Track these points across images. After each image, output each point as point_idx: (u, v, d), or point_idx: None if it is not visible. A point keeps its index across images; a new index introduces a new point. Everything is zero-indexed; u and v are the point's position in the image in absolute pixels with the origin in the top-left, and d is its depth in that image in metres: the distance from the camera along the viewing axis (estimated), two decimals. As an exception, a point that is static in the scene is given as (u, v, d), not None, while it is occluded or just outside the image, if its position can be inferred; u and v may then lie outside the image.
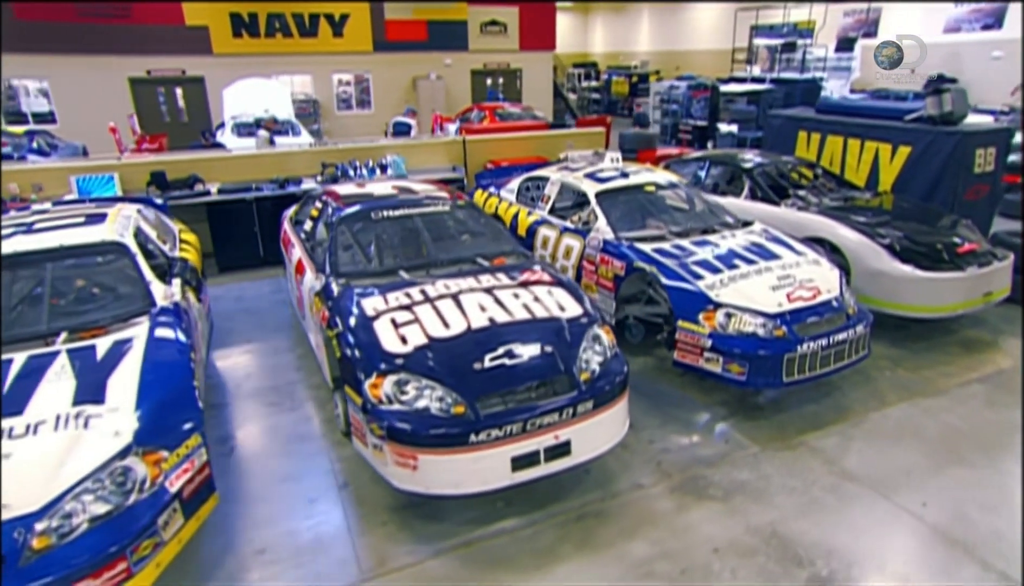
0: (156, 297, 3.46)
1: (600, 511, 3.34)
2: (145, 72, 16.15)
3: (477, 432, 2.89)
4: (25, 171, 7.03)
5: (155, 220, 4.61)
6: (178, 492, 2.60)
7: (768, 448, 3.86)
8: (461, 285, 3.70)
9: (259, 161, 7.88)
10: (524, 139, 9.18)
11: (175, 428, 2.70)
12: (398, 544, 3.14)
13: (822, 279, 4.37)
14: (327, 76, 18.06)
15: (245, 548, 3.12)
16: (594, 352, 3.38)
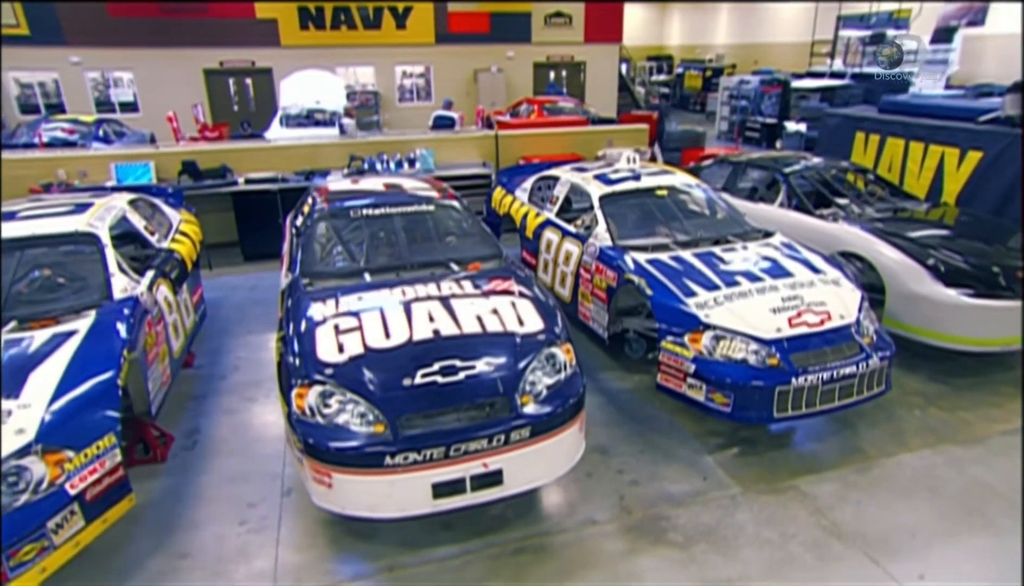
0: (114, 290, 3.47)
1: (541, 546, 3.06)
2: (218, 63, 16.90)
3: (393, 455, 2.69)
4: (74, 158, 7.42)
5: (149, 211, 4.68)
6: (79, 494, 2.55)
7: (751, 490, 3.44)
8: (419, 291, 3.50)
9: (290, 153, 7.99)
10: (561, 135, 8.85)
11: (87, 427, 2.66)
12: (321, 561, 3.00)
13: (837, 302, 3.86)
14: (389, 68, 18.28)
15: (172, 550, 3.07)
16: (544, 373, 3.09)
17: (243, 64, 16.95)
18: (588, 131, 9.06)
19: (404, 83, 18.92)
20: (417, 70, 18.67)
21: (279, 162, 7.83)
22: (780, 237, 4.67)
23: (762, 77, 16.70)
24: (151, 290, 3.74)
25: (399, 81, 18.76)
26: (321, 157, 8.02)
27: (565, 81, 20.11)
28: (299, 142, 8.36)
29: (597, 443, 3.86)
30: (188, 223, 5.14)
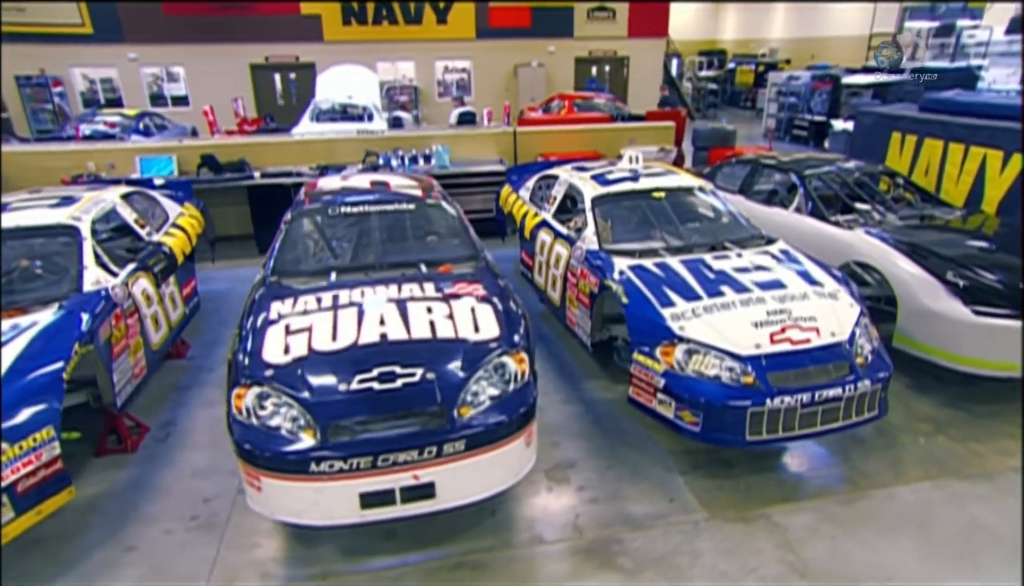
0: (85, 282, 3.54)
1: (481, 563, 2.94)
2: (264, 58, 17.36)
3: (319, 462, 2.62)
4: (103, 151, 7.71)
5: (143, 205, 4.78)
6: (10, 486, 2.59)
7: (718, 516, 3.22)
8: (380, 293, 3.42)
9: (307, 147, 8.08)
10: (582, 132, 8.63)
11: (25, 420, 2.69)
12: (258, 564, 2.97)
13: (829, 318, 3.56)
14: (429, 63, 18.35)
15: (120, 543, 3.10)
16: (490, 383, 2.96)
17: (287, 59, 17.34)
18: (610, 128, 8.80)
19: (445, 78, 18.96)
20: (457, 65, 18.68)
21: (297, 156, 7.93)
22: (781, 245, 4.38)
23: (814, 72, 15.91)
24: (127, 284, 3.79)
25: (439, 76, 18.81)
26: (338, 152, 8.08)
27: (608, 77, 19.74)
28: (315, 137, 8.45)
29: (565, 456, 3.71)
30: (187, 217, 5.23)
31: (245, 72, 17.37)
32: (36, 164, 7.36)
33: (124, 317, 3.64)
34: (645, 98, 18.43)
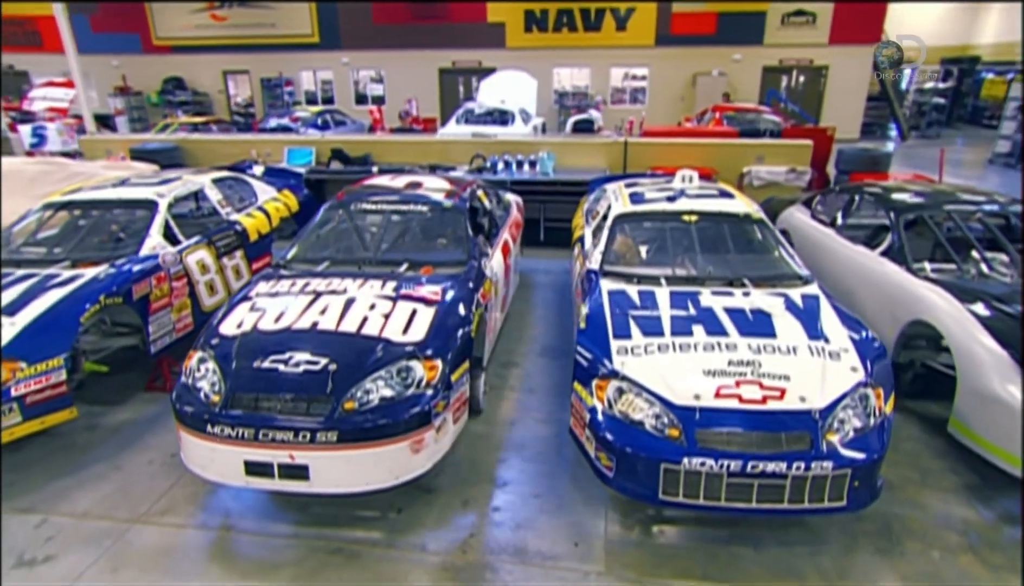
0: (143, 248, 4.33)
1: (358, 554, 3.04)
2: (451, 63, 18.83)
3: (214, 424, 2.95)
4: (264, 142, 9.12)
5: (232, 188, 5.62)
6: (19, 396, 3.33)
7: (613, 574, 2.91)
8: (346, 287, 3.67)
9: (425, 147, 8.69)
10: (701, 147, 8.05)
11: (39, 348, 3.43)
12: (191, 503, 3.39)
13: (807, 380, 3.00)
14: (605, 70, 18.36)
15: (113, 463, 3.75)
16: (387, 384, 3.04)
17: (471, 64, 18.61)
18: (733, 144, 8.06)
19: (622, 85, 18.80)
20: (633, 72, 18.39)
21: (414, 155, 8.58)
22: (809, 289, 3.75)
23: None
24: (182, 253, 4.55)
25: (615, 83, 18.71)
26: (452, 153, 8.56)
27: (802, 89, 17.92)
28: (434, 138, 9.03)
29: (502, 475, 3.63)
30: (275, 202, 6.02)
31: (434, 76, 19.03)
32: (218, 150, 8.96)
33: (169, 280, 4.38)
34: (844, 114, 16.45)
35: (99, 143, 9.47)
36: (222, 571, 2.95)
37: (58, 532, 3.22)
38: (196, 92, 20.10)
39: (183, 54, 19.81)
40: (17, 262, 4.20)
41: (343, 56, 19.22)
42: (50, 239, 4.53)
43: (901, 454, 3.78)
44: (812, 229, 5.47)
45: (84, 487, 3.54)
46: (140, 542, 3.14)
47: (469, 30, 18.18)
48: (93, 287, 3.83)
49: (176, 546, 3.11)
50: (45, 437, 3.95)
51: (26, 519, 3.30)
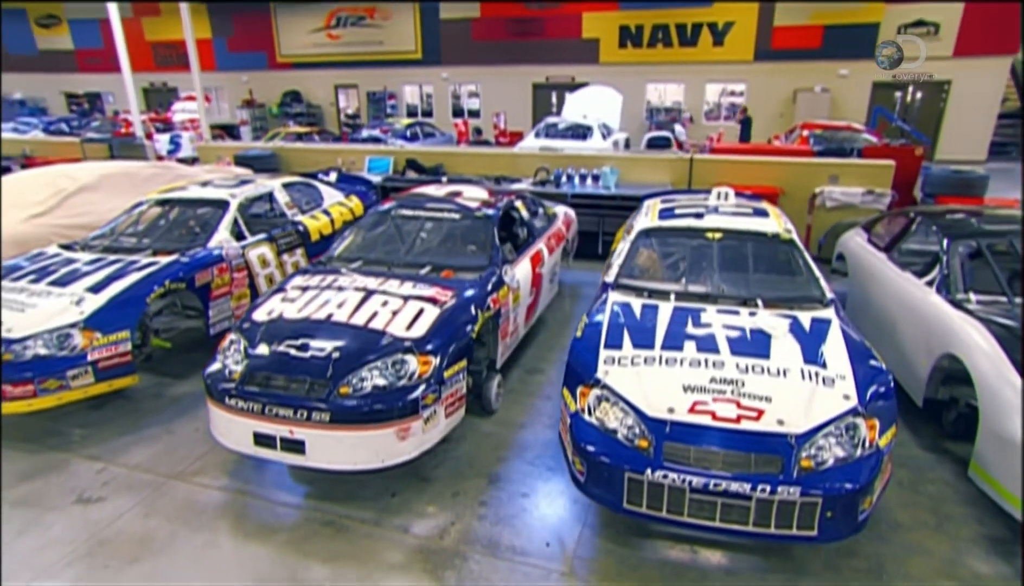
0: (211, 242, 4.91)
1: (345, 528, 3.31)
2: (545, 78, 19.20)
3: (231, 397, 3.35)
4: (350, 150, 9.87)
5: (300, 192, 6.19)
6: (94, 361, 3.93)
7: (577, 575, 2.98)
8: (369, 284, 4.00)
9: (493, 159, 9.01)
10: (771, 165, 7.77)
11: (113, 322, 4.03)
12: (221, 468, 3.83)
13: (789, 404, 2.92)
14: (699, 86, 17.98)
15: (167, 427, 4.29)
16: (380, 374, 3.30)
17: (564, 79, 18.88)
18: (805, 163, 7.71)
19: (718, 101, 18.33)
20: (729, 88, 17.87)
21: (484, 166, 8.93)
22: (823, 312, 3.60)
23: None
24: (245, 248, 5.10)
25: (710, 99, 18.26)
26: (520, 166, 8.82)
27: (918, 106, 16.59)
28: (503, 150, 9.31)
29: (497, 471, 3.78)
30: (340, 206, 6.54)
31: (528, 90, 19.50)
32: (310, 158, 9.80)
33: (231, 271, 4.93)
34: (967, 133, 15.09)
35: (213, 150, 10.64)
36: (228, 528, 3.33)
37: (113, 479, 3.76)
38: (310, 104, 21.85)
39: (301, 70, 21.64)
40: (115, 248, 4.92)
41: (443, 71, 20.17)
42: (142, 230, 5.25)
43: (922, 495, 3.54)
44: (866, 253, 5.17)
45: (140, 444, 4.09)
46: (172, 495, 3.61)
47: (564, 46, 18.48)
48: (161, 273, 4.41)
49: (198, 502, 3.54)
50: (120, 400, 4.61)
51: (91, 465, 3.88)
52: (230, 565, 3.08)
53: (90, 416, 4.41)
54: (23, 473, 3.82)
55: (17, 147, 12.41)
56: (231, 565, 3.08)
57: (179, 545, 3.22)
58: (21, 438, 4.16)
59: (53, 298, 4.11)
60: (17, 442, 4.12)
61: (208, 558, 3.13)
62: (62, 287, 4.22)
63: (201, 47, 22.16)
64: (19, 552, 3.19)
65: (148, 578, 3.01)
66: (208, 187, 5.60)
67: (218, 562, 3.10)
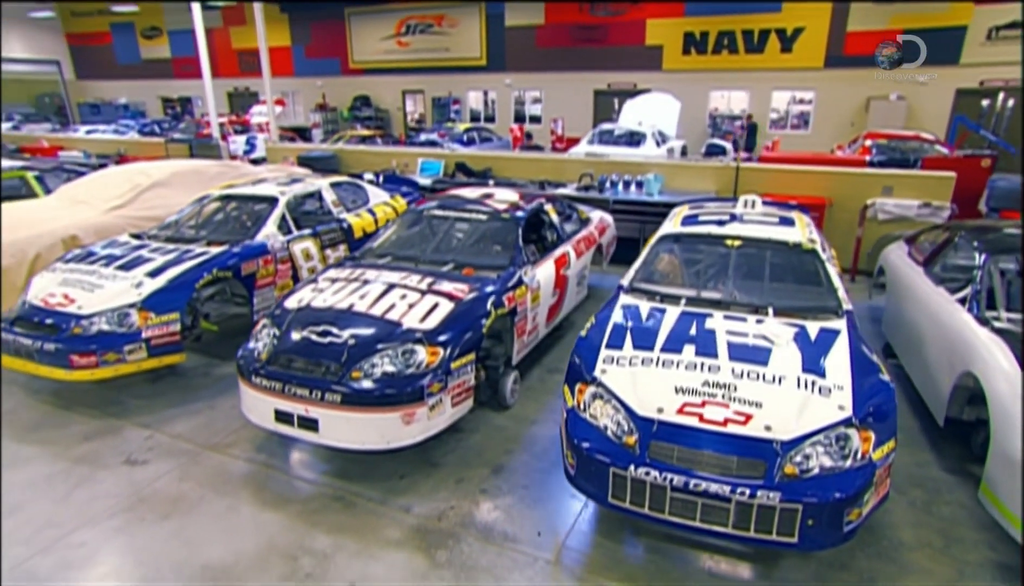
0: (258, 236, 5.32)
1: (352, 504, 3.55)
2: (607, 85, 19.18)
3: (257, 375, 3.66)
4: (403, 153, 10.25)
5: (346, 191, 6.55)
6: (148, 338, 4.36)
7: (560, 565, 3.09)
8: (393, 279, 4.24)
9: (539, 164, 9.17)
10: (820, 175, 7.55)
11: (164, 304, 4.46)
12: (252, 442, 4.17)
13: (780, 410, 2.93)
14: (765, 93, 17.48)
15: (209, 401, 4.69)
16: (391, 362, 3.52)
17: (626, 86, 18.80)
18: (857, 173, 7.43)
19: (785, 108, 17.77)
20: (798, 96, 17.28)
21: (530, 171, 9.10)
22: (835, 323, 3.56)
23: None
24: (289, 242, 5.48)
25: (777, 106, 17.72)
26: (565, 171, 8.94)
27: (1009, 113, 15.48)
28: (548, 155, 9.46)
29: (504, 463, 3.93)
30: (385, 205, 6.87)
31: (589, 97, 19.53)
32: (367, 159, 10.27)
33: (275, 262, 5.31)
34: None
35: (280, 151, 11.32)
36: (250, 495, 3.64)
37: (157, 445, 4.16)
38: (379, 109, 22.70)
39: (371, 76, 22.52)
40: (176, 238, 5.40)
41: (506, 77, 20.50)
42: (200, 223, 5.72)
43: (934, 517, 3.43)
44: (905, 267, 4.99)
45: (185, 416, 4.50)
46: (205, 463, 3.96)
47: (627, 53, 18.41)
48: (210, 262, 4.83)
49: (227, 471, 3.88)
50: (173, 376, 5.07)
51: (141, 432, 4.30)
52: (247, 528, 3.37)
53: (147, 389, 4.88)
54: (85, 435, 4.28)
55: (114, 146, 13.61)
56: (248, 528, 3.37)
57: (205, 507, 3.54)
58: (88, 404, 4.66)
59: (118, 281, 4.58)
60: (84, 407, 4.62)
61: (228, 520, 3.44)
62: (126, 271, 4.69)
63: (281, 54, 23.54)
64: (74, 501, 3.61)
65: (175, 533, 3.34)
66: (262, 185, 6.05)
67: (237, 525, 3.40)
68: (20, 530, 3.38)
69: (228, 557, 3.16)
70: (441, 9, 20.64)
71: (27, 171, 7.89)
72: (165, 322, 4.45)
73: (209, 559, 3.15)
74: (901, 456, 3.96)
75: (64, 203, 6.58)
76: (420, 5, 20.81)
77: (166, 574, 3.07)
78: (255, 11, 11.58)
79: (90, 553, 3.20)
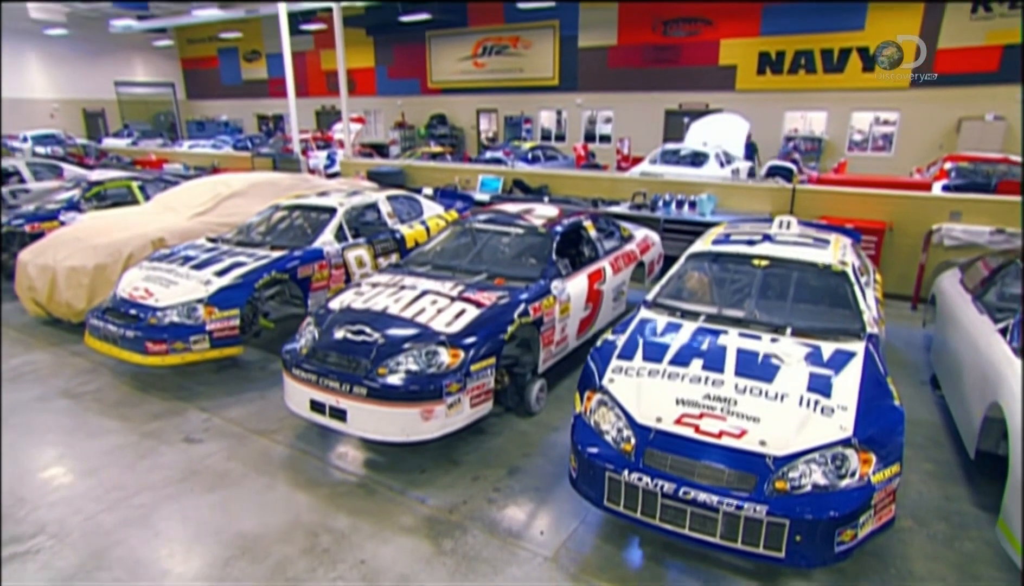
0: (315, 242, 5.78)
1: (373, 492, 3.83)
2: (678, 105, 19.06)
3: (297, 367, 4.03)
4: (466, 170, 10.66)
5: (401, 204, 6.96)
6: (211, 331, 4.86)
7: (558, 563, 3.22)
8: (431, 286, 4.54)
9: (594, 182, 9.31)
10: (882, 198, 7.28)
11: (227, 301, 4.96)
12: (295, 429, 4.55)
13: (776, 426, 2.96)
14: (844, 114, 16.83)
15: (264, 392, 5.14)
16: (415, 361, 3.79)
17: (698, 106, 18.61)
18: (921, 197, 7.11)
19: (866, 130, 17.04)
20: (881, 117, 16.53)
21: (585, 189, 9.26)
22: (852, 345, 3.51)
23: None
24: (344, 249, 5.92)
25: (859, 129, 17.01)
26: (620, 189, 9.05)
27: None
28: (604, 174, 9.57)
29: (520, 464, 4.10)
30: (439, 219, 7.23)
31: (660, 117, 19.47)
32: (431, 175, 10.78)
33: (330, 268, 5.75)
34: None
35: (353, 166, 12.06)
36: (285, 477, 3.99)
37: (213, 427, 4.62)
38: (454, 127, 23.52)
39: (448, 95, 23.41)
40: (245, 243, 5.95)
41: (577, 97, 20.78)
42: (267, 229, 6.27)
43: (953, 551, 3.31)
44: (956, 295, 4.79)
45: (239, 404, 4.96)
46: (251, 446, 4.37)
47: (699, 73, 18.26)
48: (270, 265, 5.32)
49: (269, 454, 4.26)
50: (235, 368, 5.58)
51: (201, 415, 4.79)
52: (279, 505, 3.72)
53: (211, 377, 5.40)
54: (154, 414, 4.81)
55: (209, 160, 14.90)
56: (280, 505, 3.71)
57: (246, 484, 3.92)
58: (161, 388, 5.22)
59: (190, 279, 5.13)
60: (157, 390, 5.18)
61: (264, 497, 3.79)
62: (198, 270, 5.25)
63: (366, 75, 24.90)
64: (139, 469, 4.08)
65: (218, 504, 3.73)
66: (324, 196, 6.55)
67: (271, 501, 3.75)
68: (94, 490, 3.87)
69: (259, 528, 3.50)
70: (517, 32, 21.24)
71: (132, 181, 8.87)
72: (226, 317, 4.94)
73: (243, 528, 3.50)
74: (931, 488, 3.85)
75: (157, 209, 7.36)
76: (497, 27, 21.52)
77: (206, 538, 3.45)
78: (335, 36, 12.38)
79: (146, 513, 3.64)
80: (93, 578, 3.14)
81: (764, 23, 17.01)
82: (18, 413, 4.85)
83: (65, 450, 4.35)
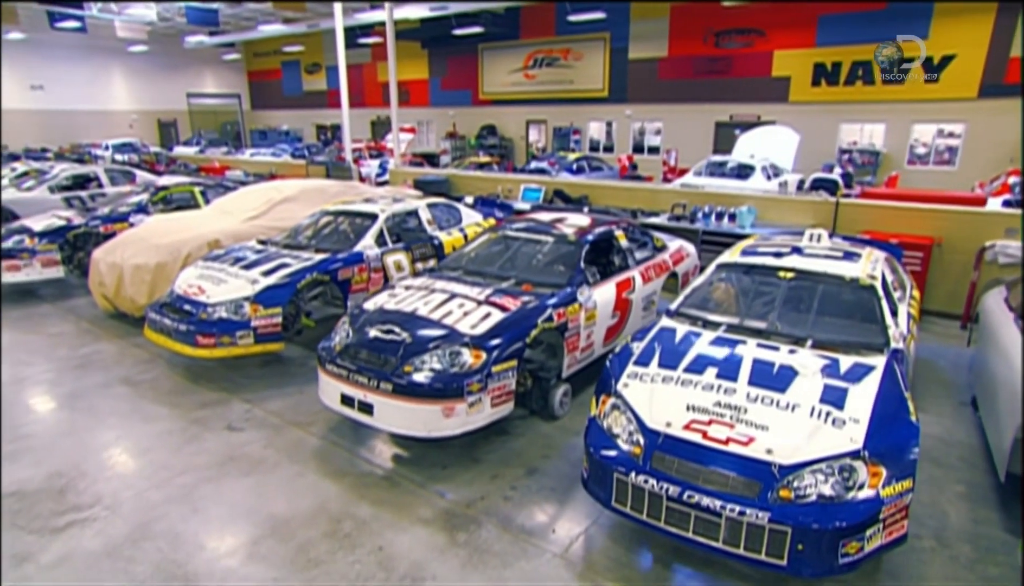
0: (357, 246, 6.06)
1: (396, 484, 4.02)
2: (729, 117, 18.80)
3: (330, 362, 4.26)
4: (508, 179, 10.86)
5: (440, 212, 7.18)
6: (255, 327, 5.18)
7: (566, 559, 3.32)
8: (460, 289, 4.71)
9: (633, 193, 9.34)
10: (931, 213, 7.04)
11: (271, 299, 5.27)
12: (330, 422, 4.79)
13: (785, 436, 2.98)
14: (905, 126, 16.23)
15: (301, 383, 5.43)
16: (438, 360, 3.96)
17: (749, 118, 18.31)
18: (973, 212, 6.83)
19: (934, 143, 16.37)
20: (945, 129, 15.86)
21: (624, 200, 9.31)
22: (872, 358, 3.48)
23: None
24: (382, 254, 6.18)
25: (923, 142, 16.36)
26: (659, 200, 9.05)
27: None
28: (643, 186, 9.58)
29: (538, 466, 4.20)
30: (477, 227, 7.41)
31: (710, 128, 19.25)
32: (475, 184, 11.03)
33: (369, 271, 6.02)
34: None
35: (401, 174, 12.45)
36: (316, 466, 4.22)
37: (253, 417, 4.92)
38: (503, 137, 23.86)
39: (498, 106, 23.79)
40: (292, 245, 6.30)
41: (627, 109, 20.76)
42: (313, 233, 6.61)
43: (974, 575, 3.23)
44: (998, 313, 4.62)
45: (279, 397, 5.25)
46: (287, 436, 4.63)
47: (751, 84, 17.98)
48: (312, 267, 5.61)
49: (303, 444, 4.51)
50: (277, 363, 5.89)
51: (243, 405, 5.10)
52: (307, 492, 3.94)
53: (256, 371, 5.73)
54: (201, 403, 5.15)
55: (267, 167, 15.64)
56: (308, 492, 3.94)
57: (279, 471, 4.18)
58: (209, 379, 5.57)
59: (239, 278, 5.48)
60: (206, 381, 5.54)
61: (295, 484, 4.03)
62: (247, 270, 5.59)
63: (420, 86, 25.58)
64: (184, 452, 4.40)
65: (252, 488, 3.99)
66: (368, 203, 6.85)
67: (300, 488, 3.98)
68: (144, 469, 4.21)
69: (288, 512, 3.73)
70: (567, 44, 21.44)
71: (195, 186, 9.45)
72: (270, 315, 5.25)
73: (273, 511, 3.74)
74: (959, 510, 3.75)
75: (215, 213, 7.84)
76: (548, 40, 21.77)
77: (238, 518, 3.70)
78: (388, 50, 12.85)
79: (187, 492, 3.92)
80: (139, 547, 3.42)
81: (820, 33, 16.63)
82: (84, 397, 5.28)
83: (121, 432, 4.72)
